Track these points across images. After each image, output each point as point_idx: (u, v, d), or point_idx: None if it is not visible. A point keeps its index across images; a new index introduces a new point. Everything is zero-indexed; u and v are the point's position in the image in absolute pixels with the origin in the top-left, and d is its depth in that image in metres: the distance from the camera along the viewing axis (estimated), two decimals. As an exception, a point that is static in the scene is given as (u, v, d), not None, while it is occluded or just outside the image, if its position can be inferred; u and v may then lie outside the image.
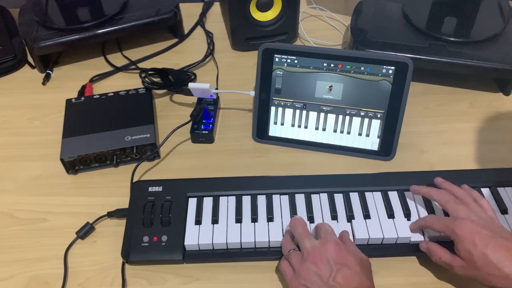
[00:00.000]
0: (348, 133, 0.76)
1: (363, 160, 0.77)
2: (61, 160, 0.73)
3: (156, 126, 0.81)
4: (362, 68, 0.73)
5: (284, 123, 0.78)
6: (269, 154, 0.78)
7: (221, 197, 0.68)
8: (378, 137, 0.76)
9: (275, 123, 0.79)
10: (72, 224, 0.69)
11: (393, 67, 0.71)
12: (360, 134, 0.76)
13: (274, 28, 0.95)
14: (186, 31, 1.03)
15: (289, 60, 0.75)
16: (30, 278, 0.63)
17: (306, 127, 0.78)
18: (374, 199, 0.68)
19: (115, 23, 0.92)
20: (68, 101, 0.83)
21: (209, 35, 1.02)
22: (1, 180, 0.75)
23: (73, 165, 0.75)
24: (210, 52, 0.97)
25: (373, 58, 0.72)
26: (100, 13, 0.94)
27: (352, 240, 0.63)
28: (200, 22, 1.06)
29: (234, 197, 0.68)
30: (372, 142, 0.76)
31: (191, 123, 0.79)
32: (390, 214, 0.66)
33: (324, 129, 0.77)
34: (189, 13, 1.05)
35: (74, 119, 0.79)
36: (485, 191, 0.69)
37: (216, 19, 1.08)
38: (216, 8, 1.11)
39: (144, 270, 0.64)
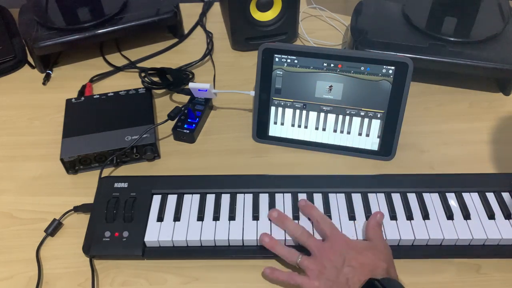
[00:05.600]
0: (348, 133, 0.76)
1: (363, 160, 0.77)
2: (61, 160, 0.73)
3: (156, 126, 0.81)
4: (362, 68, 0.73)
5: (284, 123, 0.78)
6: (269, 154, 0.78)
7: (185, 195, 0.69)
8: (378, 137, 0.76)
9: (275, 123, 0.79)
10: (73, 224, 0.69)
11: (393, 67, 0.71)
12: (360, 134, 0.76)
13: (274, 28, 0.95)
14: (186, 31, 1.03)
15: (289, 60, 0.75)
16: (30, 278, 0.63)
17: (306, 127, 0.78)
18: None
19: (115, 23, 0.92)
20: (68, 101, 0.83)
21: (209, 35, 1.02)
22: (1, 180, 0.75)
23: (73, 165, 0.75)
24: (208, 52, 0.97)
25: (373, 58, 0.72)
26: (100, 13, 0.94)
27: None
28: (200, 22, 1.06)
29: (198, 195, 0.69)
30: (372, 142, 0.76)
31: (176, 120, 0.80)
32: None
33: (324, 129, 0.77)
34: (189, 13, 1.05)
35: (74, 119, 0.79)
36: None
37: (216, 19, 1.08)
38: (216, 8, 1.11)
39: (144, 270, 0.64)
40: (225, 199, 0.68)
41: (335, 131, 0.77)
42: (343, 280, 0.55)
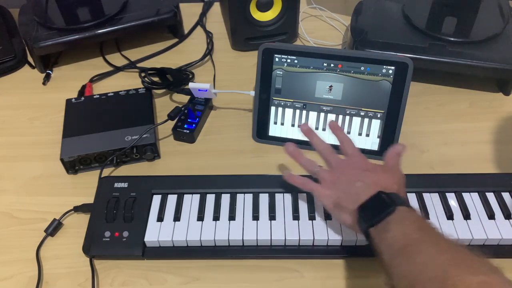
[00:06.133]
0: (348, 133, 0.76)
1: (363, 160, 0.77)
2: (61, 160, 0.73)
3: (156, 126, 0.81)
4: (362, 68, 0.73)
5: (284, 123, 0.78)
6: (269, 154, 0.78)
7: (185, 195, 0.69)
8: (378, 137, 0.76)
9: (275, 123, 0.79)
10: (73, 224, 0.69)
11: (393, 67, 0.71)
12: (360, 134, 0.76)
13: (274, 28, 0.95)
14: (186, 31, 1.03)
15: (289, 60, 0.75)
16: (30, 278, 0.63)
17: (306, 127, 0.78)
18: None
19: (115, 23, 0.92)
20: (68, 101, 0.83)
21: (209, 35, 1.02)
22: (1, 180, 0.75)
23: (73, 165, 0.75)
24: (208, 52, 0.97)
25: (373, 58, 0.72)
26: (100, 13, 0.94)
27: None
28: (200, 22, 1.06)
29: (198, 195, 0.69)
30: (372, 142, 0.76)
31: (176, 120, 0.80)
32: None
33: (324, 129, 0.77)
34: (189, 13, 1.05)
35: (74, 119, 0.79)
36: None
37: (216, 19, 1.08)
38: (216, 8, 1.11)
39: (144, 270, 0.64)
40: (225, 199, 0.68)
41: (335, 131, 0.77)
42: (353, 192, 0.57)
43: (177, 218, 0.66)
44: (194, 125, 0.80)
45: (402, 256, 0.48)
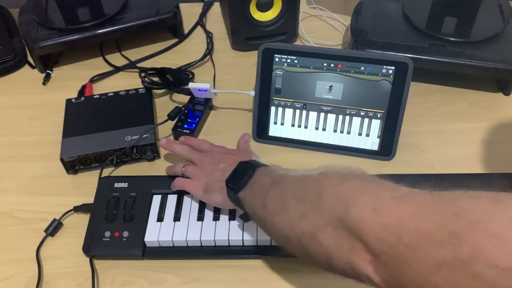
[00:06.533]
0: (348, 133, 0.76)
1: (363, 160, 0.77)
2: (61, 160, 0.73)
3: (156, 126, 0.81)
4: (362, 68, 0.73)
5: (284, 123, 0.78)
6: (269, 154, 0.78)
7: (185, 195, 0.69)
8: (378, 137, 0.76)
9: (275, 123, 0.79)
10: (73, 224, 0.69)
11: (393, 67, 0.71)
12: (360, 134, 0.76)
13: (274, 28, 0.95)
14: (186, 31, 1.03)
15: (289, 60, 0.75)
16: (30, 278, 0.63)
17: (306, 127, 0.78)
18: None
19: (115, 23, 0.92)
20: (68, 101, 0.83)
21: (209, 35, 1.02)
22: (1, 180, 0.75)
23: (73, 165, 0.75)
24: (208, 52, 0.97)
25: (373, 58, 0.72)
26: (100, 13, 0.94)
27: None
28: (200, 22, 1.06)
29: None
30: (372, 142, 0.76)
31: (176, 120, 0.80)
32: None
33: (324, 129, 0.77)
34: (189, 13, 1.05)
35: (74, 119, 0.79)
36: None
37: (216, 19, 1.08)
38: (216, 8, 1.11)
39: (144, 270, 0.64)
40: None
41: (335, 131, 0.77)
42: (219, 173, 0.63)
43: (177, 218, 0.66)
44: (194, 125, 0.80)
45: (273, 189, 0.52)
